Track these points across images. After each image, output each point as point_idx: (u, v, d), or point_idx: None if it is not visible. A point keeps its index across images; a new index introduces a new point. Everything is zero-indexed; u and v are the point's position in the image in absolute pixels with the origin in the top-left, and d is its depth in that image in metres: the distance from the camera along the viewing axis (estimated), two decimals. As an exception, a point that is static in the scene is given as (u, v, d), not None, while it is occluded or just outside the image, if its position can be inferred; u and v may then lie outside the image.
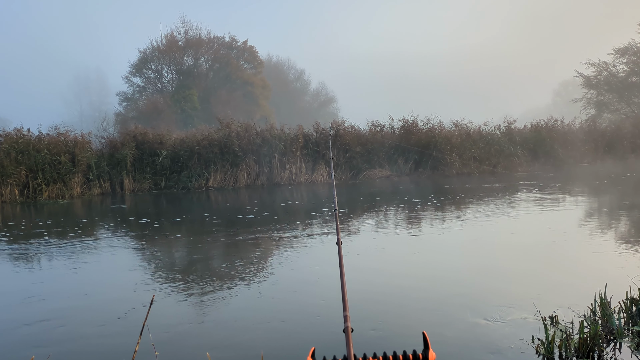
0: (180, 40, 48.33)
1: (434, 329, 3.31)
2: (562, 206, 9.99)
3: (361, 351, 1.51)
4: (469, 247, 6.20)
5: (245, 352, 3.12)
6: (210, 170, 18.57)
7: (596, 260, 5.30)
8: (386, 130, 21.33)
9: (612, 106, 37.87)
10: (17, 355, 3.19)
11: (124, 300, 4.42)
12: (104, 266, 6.01)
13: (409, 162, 20.38)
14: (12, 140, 16.57)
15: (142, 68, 47.52)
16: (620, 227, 7.44)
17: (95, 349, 3.26)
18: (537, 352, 2.95)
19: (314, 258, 5.84)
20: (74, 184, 16.93)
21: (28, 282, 5.22)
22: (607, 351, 2.98)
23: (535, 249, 5.97)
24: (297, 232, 7.93)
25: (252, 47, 52.41)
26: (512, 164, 21.87)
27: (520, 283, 4.45)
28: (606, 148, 25.95)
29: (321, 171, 19.35)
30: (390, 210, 10.30)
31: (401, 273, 4.97)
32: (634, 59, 37.68)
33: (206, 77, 48.85)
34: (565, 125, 26.30)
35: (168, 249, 7.00)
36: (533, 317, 3.50)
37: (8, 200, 15.55)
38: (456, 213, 9.29)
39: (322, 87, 72.08)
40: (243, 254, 6.37)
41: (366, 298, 4.09)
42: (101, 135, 19.85)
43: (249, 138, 18.98)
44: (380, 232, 7.53)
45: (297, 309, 4.00)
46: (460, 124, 22.58)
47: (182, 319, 3.85)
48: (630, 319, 3.35)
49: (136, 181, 18.11)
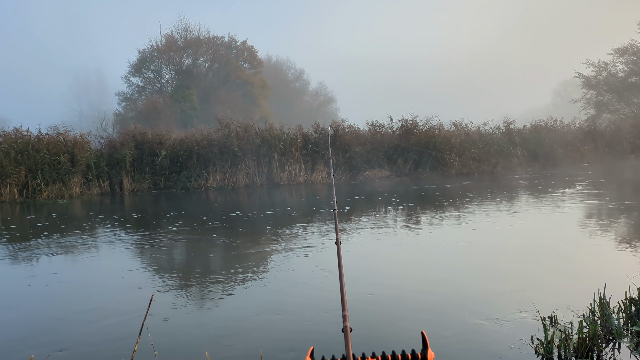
0: (179, 40, 48.34)
1: (433, 329, 3.30)
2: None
3: (360, 350, 1.51)
4: (468, 247, 6.20)
5: (244, 351, 3.12)
6: (210, 171, 18.57)
7: (595, 260, 5.30)
8: (385, 130, 21.35)
9: (612, 106, 37.91)
10: (16, 355, 3.18)
11: (123, 300, 4.42)
12: (103, 265, 6.00)
13: (408, 162, 20.39)
14: (12, 140, 16.58)
15: (141, 68, 47.51)
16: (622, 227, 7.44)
17: (94, 349, 3.25)
18: (536, 352, 2.95)
19: (312, 258, 5.84)
20: (73, 184, 16.93)
21: (25, 282, 5.21)
22: (606, 351, 2.97)
23: (535, 249, 5.97)
24: (295, 232, 7.93)
25: (251, 47, 52.40)
26: (511, 164, 21.90)
27: (519, 283, 4.45)
28: (605, 148, 25.97)
29: (320, 171, 19.36)
30: (389, 210, 10.30)
31: (400, 273, 4.97)
32: (634, 59, 37.73)
33: (205, 77, 48.82)
34: (565, 125, 26.35)
35: (167, 248, 6.99)
36: (532, 317, 3.49)
37: (7, 200, 15.54)
38: (456, 213, 9.29)
39: (322, 87, 72.08)
40: (242, 253, 6.36)
41: (365, 298, 4.09)
42: (100, 135, 19.89)
43: (249, 138, 18.99)
44: (379, 232, 7.53)
45: (295, 308, 4.00)
46: (460, 124, 22.63)
47: (180, 318, 3.85)
48: (630, 319, 3.35)
49: (135, 181, 18.11)
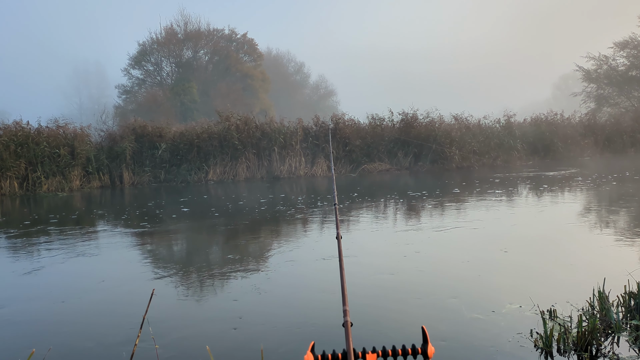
0: (179, 32, 48.11)
1: (433, 323, 3.32)
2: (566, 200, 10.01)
3: (360, 345, 1.52)
4: (468, 241, 6.21)
5: (245, 345, 3.13)
6: (210, 164, 18.57)
7: (595, 254, 5.32)
8: (386, 123, 21.31)
9: (612, 100, 37.80)
10: (18, 348, 3.20)
11: (124, 293, 4.44)
12: (104, 259, 6.01)
13: (408, 155, 20.37)
14: (12, 133, 16.56)
15: (141, 61, 47.33)
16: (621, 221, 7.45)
17: (95, 342, 3.27)
18: (536, 345, 2.96)
19: (313, 252, 5.85)
20: (74, 177, 16.94)
21: (26, 275, 5.23)
22: (605, 345, 2.99)
23: (535, 242, 5.98)
24: (296, 226, 7.94)
25: (251, 40, 52.18)
26: (511, 157, 21.89)
27: (519, 277, 4.46)
28: (606, 142, 25.93)
29: (321, 164, 19.35)
30: (389, 204, 10.30)
31: (400, 267, 4.98)
32: (634, 52, 37.57)
33: (205, 70, 48.66)
34: (565, 119, 26.28)
35: (167, 242, 7.01)
36: (531, 311, 3.51)
37: (7, 193, 15.55)
38: (455, 207, 9.30)
39: (322, 80, 71.89)
40: (242, 247, 6.38)
41: (366, 293, 4.10)
42: (100, 128, 19.87)
43: (249, 131, 18.96)
44: (380, 226, 7.54)
45: (296, 303, 4.01)
46: (460, 118, 22.60)
47: (182, 312, 3.86)
48: (629, 313, 3.36)
49: (135, 174, 18.11)
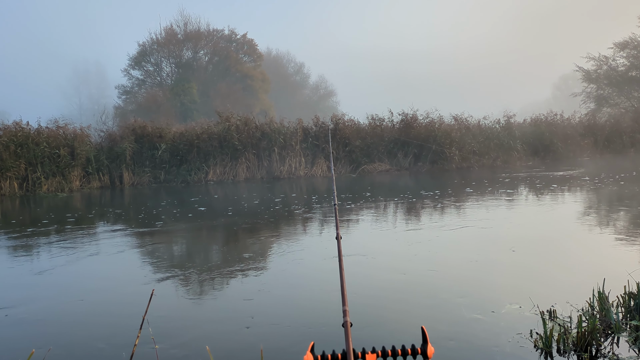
0: (179, 33, 48.11)
1: (433, 324, 3.32)
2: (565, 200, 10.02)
3: (360, 346, 1.51)
4: (467, 242, 6.21)
5: (244, 345, 3.13)
6: (210, 164, 18.57)
7: (595, 255, 5.31)
8: (386, 124, 21.31)
9: (612, 100, 37.77)
10: (18, 348, 3.20)
11: (124, 294, 4.43)
12: (103, 259, 6.01)
13: (408, 156, 20.38)
14: (11, 133, 16.55)
15: (141, 61, 47.33)
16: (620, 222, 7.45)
17: (95, 342, 3.27)
18: (536, 346, 2.96)
19: (313, 252, 5.85)
20: (73, 178, 16.94)
21: (27, 275, 5.23)
22: (605, 345, 2.99)
23: (534, 243, 5.98)
24: (295, 226, 7.94)
25: (251, 40, 52.17)
26: (511, 157, 21.89)
27: (519, 277, 4.46)
28: (605, 142, 25.93)
29: (321, 165, 19.35)
30: (389, 204, 10.30)
31: (400, 268, 4.98)
32: (634, 52, 37.55)
33: (205, 71, 48.65)
34: (565, 119, 26.28)
35: (168, 242, 7.01)
36: (531, 311, 3.51)
37: (7, 193, 15.55)
38: (455, 207, 9.30)
39: (322, 81, 71.84)
40: (242, 247, 6.38)
41: (365, 293, 4.10)
42: (100, 129, 19.85)
43: (249, 132, 18.97)
44: (379, 227, 7.54)
45: (296, 303, 4.01)
46: (460, 118, 22.60)
47: (181, 312, 3.86)
48: (628, 313, 3.36)
49: (135, 175, 18.11)
